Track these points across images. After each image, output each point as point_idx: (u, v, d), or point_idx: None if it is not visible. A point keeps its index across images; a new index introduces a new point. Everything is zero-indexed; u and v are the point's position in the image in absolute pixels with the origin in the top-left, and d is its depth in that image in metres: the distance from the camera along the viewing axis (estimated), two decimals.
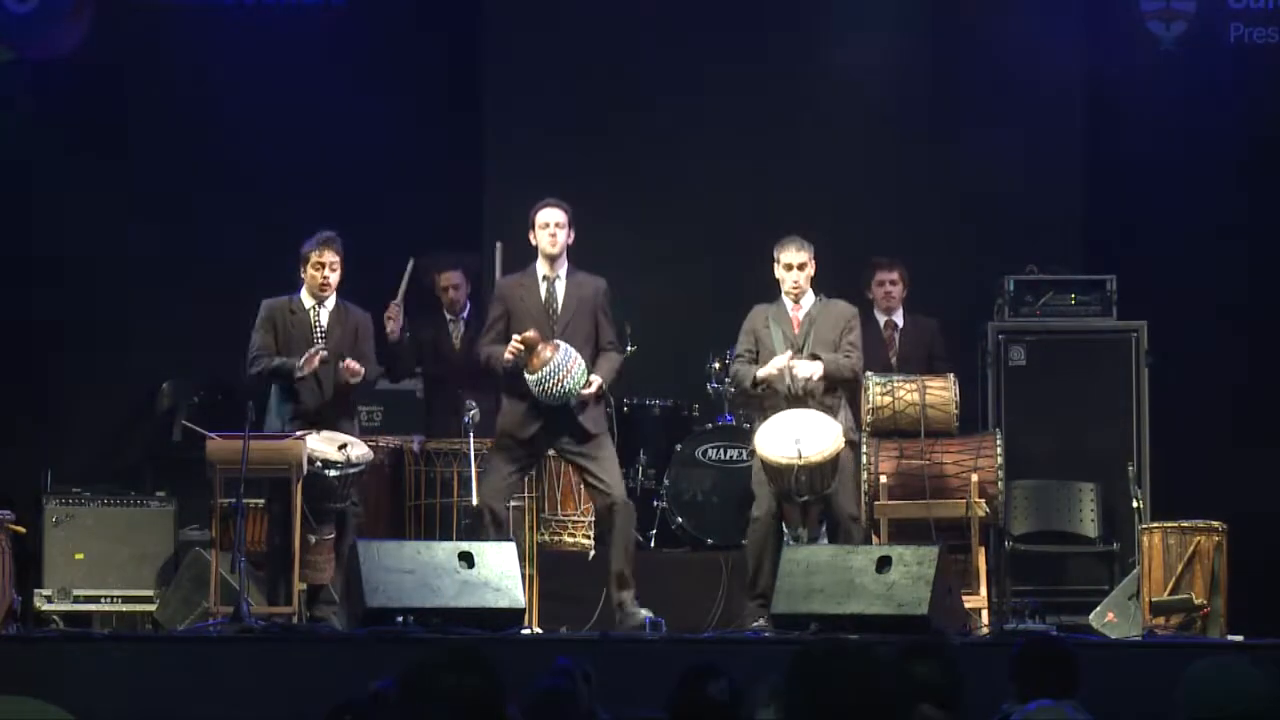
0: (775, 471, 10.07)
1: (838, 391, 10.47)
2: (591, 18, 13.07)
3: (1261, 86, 12.86)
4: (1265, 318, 12.57)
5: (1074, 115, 13.02)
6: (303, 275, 10.44)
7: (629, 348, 11.36)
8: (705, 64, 12.99)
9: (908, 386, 11.05)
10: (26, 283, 12.73)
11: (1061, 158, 13.02)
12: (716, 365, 11.96)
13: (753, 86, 12.98)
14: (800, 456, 9.97)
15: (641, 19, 13.05)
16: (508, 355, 10.06)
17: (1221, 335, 12.51)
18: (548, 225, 10.33)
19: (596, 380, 10.12)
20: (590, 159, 12.95)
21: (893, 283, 11.96)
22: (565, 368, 10.00)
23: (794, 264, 10.49)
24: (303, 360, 10.22)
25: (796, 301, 10.54)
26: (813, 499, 10.10)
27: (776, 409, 10.34)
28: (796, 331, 10.47)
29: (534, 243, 10.40)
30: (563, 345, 10.07)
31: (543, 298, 10.32)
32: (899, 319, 11.99)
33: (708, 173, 12.92)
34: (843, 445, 10.16)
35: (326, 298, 10.44)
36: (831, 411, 10.32)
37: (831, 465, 10.10)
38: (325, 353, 10.25)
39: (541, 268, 10.36)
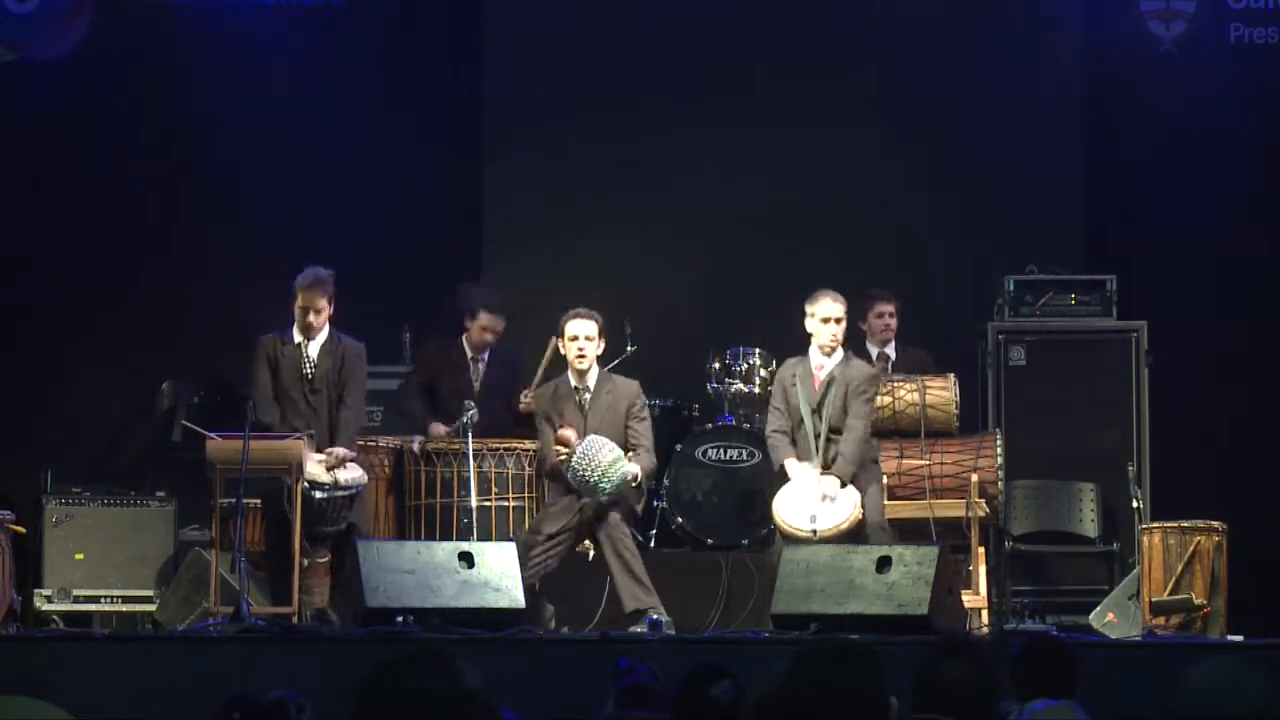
0: (792, 540, 10.07)
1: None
2: (592, 18, 13.07)
3: (1261, 86, 12.85)
4: (1265, 318, 12.57)
5: (1074, 115, 13.02)
6: (294, 309, 10.48)
7: (629, 347, 11.36)
8: (705, 65, 12.99)
9: (908, 386, 11.05)
10: (27, 282, 12.73)
11: (1061, 158, 13.02)
12: (716, 365, 11.93)
13: (753, 87, 12.97)
14: (815, 534, 9.97)
15: (642, 20, 13.04)
16: (558, 460, 10.12)
17: (1221, 335, 12.51)
18: (577, 339, 10.28)
19: (634, 468, 10.11)
20: (591, 159, 12.94)
21: (891, 315, 11.90)
22: (587, 456, 9.96)
23: (832, 318, 10.26)
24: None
25: (828, 356, 10.32)
26: None
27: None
28: (817, 391, 10.28)
29: (562, 351, 10.39)
30: (588, 437, 10.07)
31: (575, 405, 10.32)
32: (891, 351, 11.92)
33: (708, 173, 12.91)
34: (859, 516, 10.03)
35: (315, 336, 10.48)
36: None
37: (848, 535, 10.03)
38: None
39: (572, 379, 10.37)
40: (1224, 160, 12.72)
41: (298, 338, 10.49)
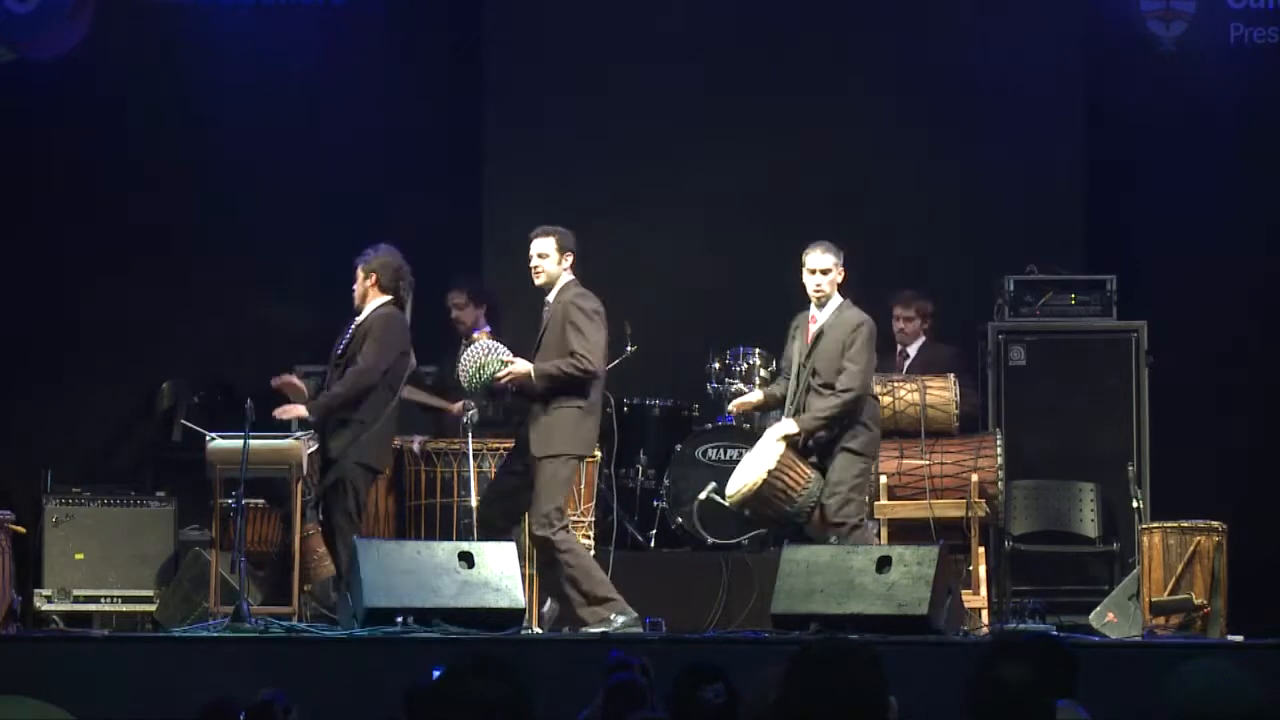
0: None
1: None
2: (591, 18, 13.06)
3: (1261, 86, 12.86)
4: (1265, 317, 12.57)
5: (1074, 115, 13.02)
6: None
7: (629, 347, 11.36)
8: (706, 64, 12.99)
9: (908, 386, 11.05)
10: (26, 282, 12.74)
11: (1062, 158, 13.02)
12: (716, 365, 11.94)
13: (754, 86, 12.97)
14: (725, 498, 10.21)
15: (642, 17, 13.04)
16: None
17: (1221, 335, 12.51)
18: (531, 257, 10.18)
19: (518, 365, 9.89)
20: (590, 158, 12.95)
21: (907, 319, 11.95)
22: (472, 357, 9.95)
23: (816, 268, 10.15)
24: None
25: (820, 308, 10.22)
26: (789, 526, 10.15)
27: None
28: (808, 344, 10.18)
29: None
30: (483, 340, 10.10)
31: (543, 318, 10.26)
32: (913, 350, 11.93)
33: (708, 172, 12.91)
34: (761, 480, 9.85)
35: (363, 308, 10.37)
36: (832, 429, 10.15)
37: (762, 496, 9.91)
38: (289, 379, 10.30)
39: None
40: (1224, 160, 12.72)
41: None
